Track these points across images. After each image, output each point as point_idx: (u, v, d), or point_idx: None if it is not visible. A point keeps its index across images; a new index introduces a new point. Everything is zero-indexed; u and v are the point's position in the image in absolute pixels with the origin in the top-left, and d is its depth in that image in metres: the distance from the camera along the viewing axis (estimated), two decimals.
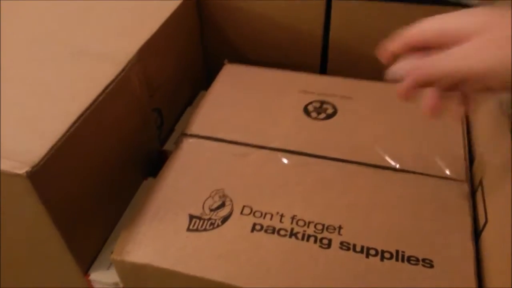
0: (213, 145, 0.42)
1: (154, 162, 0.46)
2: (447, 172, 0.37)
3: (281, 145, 0.41)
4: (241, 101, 0.47)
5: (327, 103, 0.46)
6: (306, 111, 0.45)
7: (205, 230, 0.33)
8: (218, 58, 0.55)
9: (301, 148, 0.41)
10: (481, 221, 0.34)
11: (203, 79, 0.59)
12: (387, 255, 0.32)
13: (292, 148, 0.41)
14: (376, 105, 0.45)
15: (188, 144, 0.42)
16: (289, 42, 0.54)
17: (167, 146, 0.49)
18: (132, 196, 0.42)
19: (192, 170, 0.40)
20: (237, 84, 0.49)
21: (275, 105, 0.46)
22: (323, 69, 0.56)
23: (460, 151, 0.39)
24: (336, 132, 0.42)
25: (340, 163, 0.39)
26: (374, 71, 0.38)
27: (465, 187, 0.36)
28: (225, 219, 0.34)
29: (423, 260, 0.31)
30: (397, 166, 0.38)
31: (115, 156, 0.39)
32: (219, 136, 0.42)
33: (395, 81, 0.29)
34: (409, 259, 0.31)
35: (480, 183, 0.36)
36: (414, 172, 0.38)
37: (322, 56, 0.55)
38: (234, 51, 0.57)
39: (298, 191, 0.37)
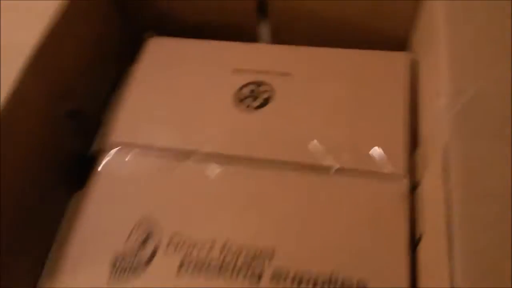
0: (137, 157, 0.38)
1: (83, 171, 0.42)
2: (386, 166, 0.35)
3: (211, 149, 0.37)
4: (167, 89, 0.42)
5: (263, 84, 0.41)
6: (239, 98, 0.40)
7: (128, 277, 0.32)
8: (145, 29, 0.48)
9: (233, 150, 0.37)
10: (420, 227, 0.33)
11: (130, 54, 0.52)
12: (320, 283, 0.30)
13: (223, 152, 0.37)
14: (315, 82, 0.40)
15: (110, 157, 0.38)
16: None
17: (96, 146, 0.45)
18: (62, 216, 0.39)
19: (116, 193, 0.37)
20: (162, 66, 0.43)
21: (204, 93, 0.41)
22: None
23: (399, 137, 0.36)
24: (270, 124, 0.38)
25: (274, 166, 0.36)
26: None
27: (404, 185, 0.34)
28: (149, 259, 0.32)
29: (358, 282, 0.31)
30: (334, 165, 0.35)
31: (29, 177, 0.35)
32: (143, 142, 0.39)
33: None
34: (343, 284, 0.30)
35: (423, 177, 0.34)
36: (351, 171, 0.35)
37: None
38: (160, 18, 0.49)
39: (231, 209, 0.34)
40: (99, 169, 0.38)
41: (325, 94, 0.39)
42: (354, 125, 0.37)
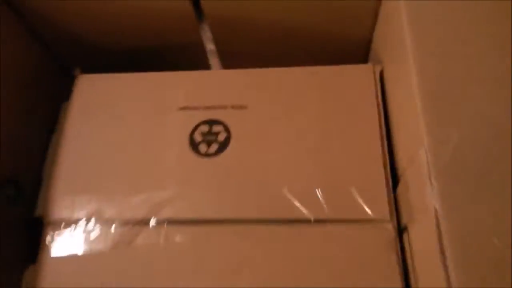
0: (88, 231, 0.33)
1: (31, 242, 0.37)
2: (368, 212, 0.31)
3: (168, 214, 0.32)
4: (107, 141, 0.36)
5: (217, 122, 0.35)
6: (192, 143, 0.35)
7: None
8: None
9: (195, 213, 0.32)
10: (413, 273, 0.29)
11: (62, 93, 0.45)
12: None
13: (183, 217, 0.32)
14: (275, 114, 0.35)
15: (58, 232, 0.33)
16: (156, 27, 0.40)
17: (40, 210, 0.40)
18: None
19: (72, 274, 0.32)
20: (97, 111, 0.37)
21: (152, 142, 0.35)
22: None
23: (380, 176, 0.32)
24: (233, 174, 0.33)
25: (245, 228, 0.32)
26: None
27: (390, 230, 0.30)
28: None
29: None
30: (311, 216, 0.31)
31: None
32: (91, 213, 0.33)
33: None
34: None
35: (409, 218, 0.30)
36: (331, 220, 0.31)
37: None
38: (90, 53, 0.43)
39: (207, 277, 0.30)
40: (49, 245, 0.33)
41: (288, 128, 0.35)
42: (326, 164, 0.33)
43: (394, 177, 0.32)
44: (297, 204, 0.31)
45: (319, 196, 0.31)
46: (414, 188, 0.28)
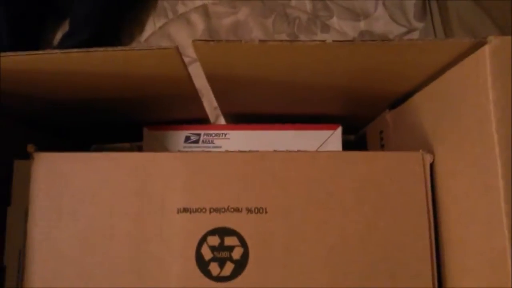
0: None
1: None
2: None
3: None
4: (85, 251, 0.28)
5: (230, 232, 0.28)
6: (200, 261, 0.28)
7: None
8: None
9: None
10: None
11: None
12: None
13: None
14: (304, 216, 0.28)
15: None
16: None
17: None
18: None
19: None
20: (69, 205, 0.28)
21: (146, 257, 0.28)
22: None
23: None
24: None
25: None
26: None
27: None
28: None
29: None
30: None
31: None
32: None
33: None
34: None
35: None
36: None
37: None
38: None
39: None
40: None
41: (322, 236, 0.28)
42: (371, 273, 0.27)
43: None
44: None
45: None
46: None
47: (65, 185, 0.29)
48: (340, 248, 0.28)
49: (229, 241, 0.28)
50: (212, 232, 0.28)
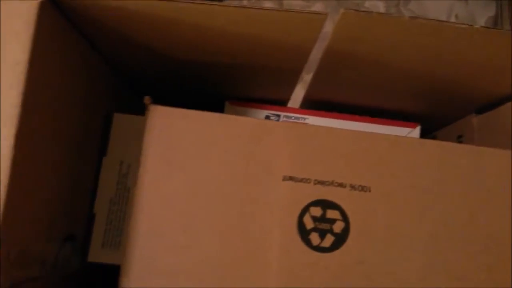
0: None
1: None
2: None
3: None
4: (190, 206, 0.29)
5: (333, 206, 0.29)
6: (302, 231, 0.28)
7: None
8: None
9: None
10: None
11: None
12: None
13: None
14: (409, 200, 0.29)
15: None
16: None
17: (92, 257, 0.33)
18: None
19: None
20: (178, 159, 0.29)
21: (249, 216, 0.28)
22: None
23: None
24: (349, 280, 0.28)
25: None
26: None
27: None
28: None
29: None
30: None
31: None
32: None
33: None
34: None
35: None
36: None
37: None
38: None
39: None
40: None
41: (424, 222, 0.28)
42: (468, 281, 0.28)
43: None
44: None
45: None
46: None
47: (178, 140, 0.30)
48: (441, 235, 0.28)
49: (331, 214, 0.29)
50: (315, 203, 0.29)
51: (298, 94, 0.43)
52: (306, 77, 0.39)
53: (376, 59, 0.31)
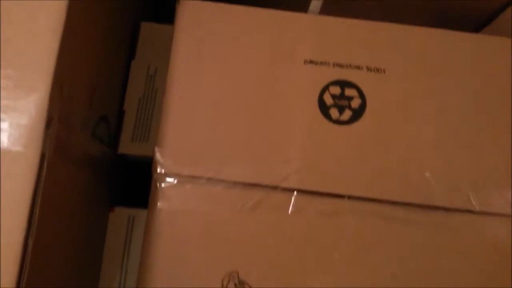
0: (202, 194, 0.29)
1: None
2: None
3: (297, 184, 0.30)
4: (219, 91, 0.31)
5: (350, 85, 0.31)
6: (322, 107, 0.31)
7: None
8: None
9: (325, 186, 0.30)
10: None
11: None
12: None
13: (313, 188, 0.30)
14: (418, 80, 0.31)
15: (166, 196, 0.29)
16: None
17: (122, 148, 0.36)
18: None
19: (186, 246, 0.29)
20: (207, 49, 0.31)
21: (274, 97, 0.31)
22: None
23: None
24: (368, 148, 0.30)
25: (383, 208, 0.29)
26: None
27: None
28: None
29: None
30: (457, 206, 0.29)
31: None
32: (205, 173, 0.30)
33: None
34: None
35: None
36: (480, 213, 0.29)
37: None
38: None
39: (334, 261, 0.29)
40: (160, 205, 0.29)
41: (431, 100, 0.31)
42: (476, 150, 0.30)
43: None
44: (441, 192, 0.29)
45: (466, 188, 0.29)
46: None
47: (207, 31, 0.32)
48: (449, 111, 0.31)
49: (349, 92, 0.31)
50: (334, 83, 0.31)
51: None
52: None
53: None
